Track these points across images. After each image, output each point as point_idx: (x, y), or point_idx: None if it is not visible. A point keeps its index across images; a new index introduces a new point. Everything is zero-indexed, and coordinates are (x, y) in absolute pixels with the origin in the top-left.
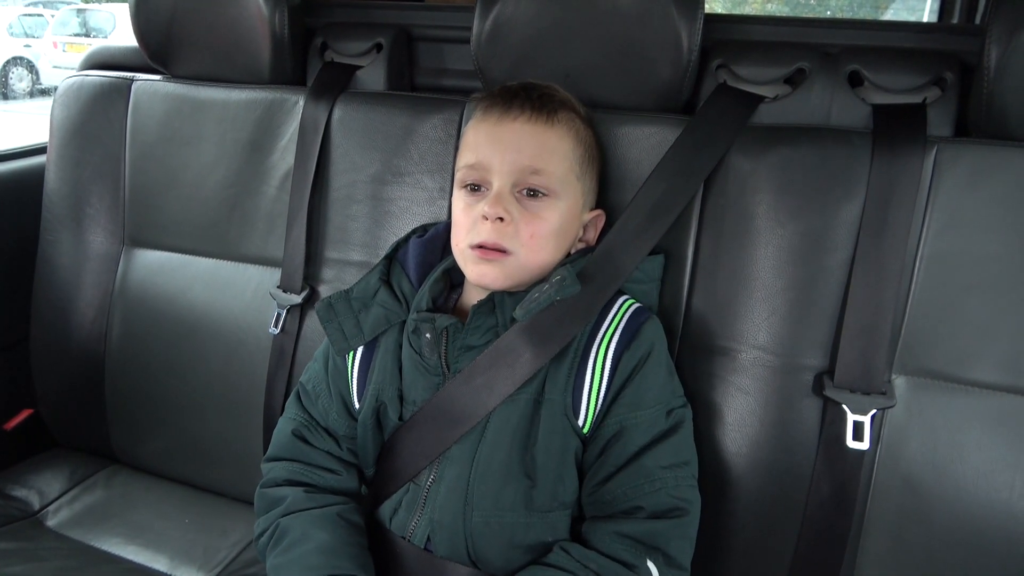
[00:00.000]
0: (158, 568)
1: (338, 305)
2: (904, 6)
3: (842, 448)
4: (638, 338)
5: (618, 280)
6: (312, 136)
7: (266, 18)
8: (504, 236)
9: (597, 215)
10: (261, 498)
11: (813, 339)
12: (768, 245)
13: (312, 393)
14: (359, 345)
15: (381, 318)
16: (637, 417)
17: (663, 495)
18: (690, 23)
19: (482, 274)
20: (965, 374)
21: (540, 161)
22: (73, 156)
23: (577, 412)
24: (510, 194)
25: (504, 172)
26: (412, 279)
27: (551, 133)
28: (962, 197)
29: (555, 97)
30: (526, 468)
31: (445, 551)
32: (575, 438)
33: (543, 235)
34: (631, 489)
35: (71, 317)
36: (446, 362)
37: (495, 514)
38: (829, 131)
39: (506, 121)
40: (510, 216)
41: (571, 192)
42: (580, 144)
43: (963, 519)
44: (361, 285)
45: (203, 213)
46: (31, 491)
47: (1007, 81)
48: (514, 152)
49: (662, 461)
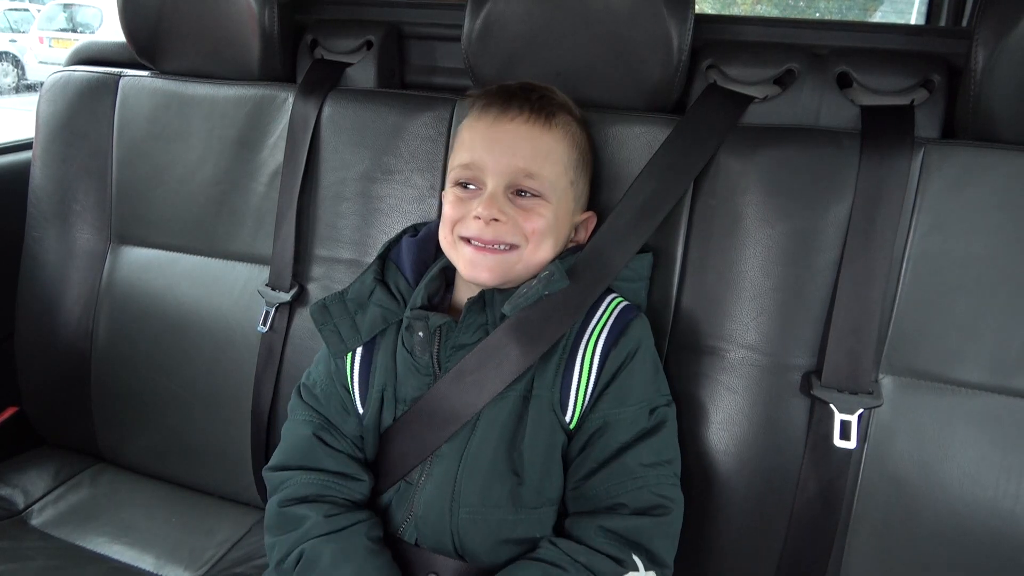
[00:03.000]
0: (144, 567)
1: (333, 307)
2: (892, 8)
3: (829, 447)
4: (626, 335)
5: (607, 278)
6: (301, 133)
7: (255, 14)
8: (505, 233)
9: (588, 217)
10: (280, 516)
11: (801, 339)
12: (757, 245)
13: (323, 395)
14: (356, 346)
15: (378, 318)
16: (621, 413)
17: (646, 492)
18: (680, 23)
19: (475, 265)
20: (951, 374)
21: (535, 164)
22: (59, 152)
23: (565, 408)
24: (503, 195)
25: (498, 173)
26: (408, 277)
27: (548, 136)
28: (949, 198)
29: (554, 100)
30: (513, 464)
31: (432, 545)
32: (561, 433)
33: (543, 231)
34: (614, 486)
35: (57, 314)
36: (437, 361)
37: (481, 510)
38: (818, 132)
39: (503, 122)
40: (505, 216)
41: (563, 196)
42: (575, 148)
43: (949, 517)
44: (355, 286)
45: (191, 210)
46: (15, 490)
47: (994, 83)
48: (509, 154)
49: (644, 459)
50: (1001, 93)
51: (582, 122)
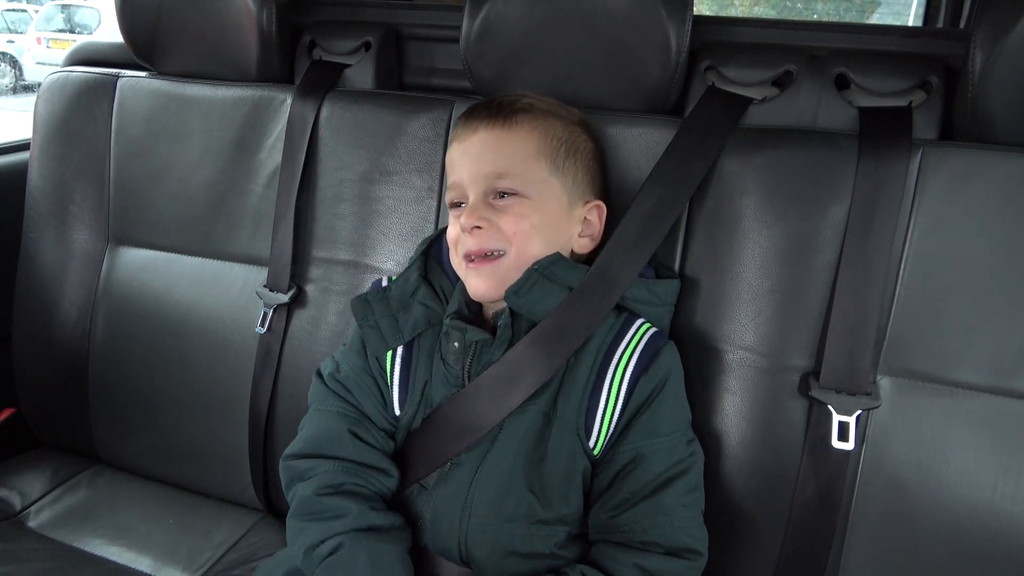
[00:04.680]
0: (142, 569)
1: (375, 303)
2: (889, 10)
3: (827, 448)
4: (656, 363)
5: (620, 289)
6: (300, 134)
7: (254, 15)
8: (488, 240)
9: (594, 206)
10: (315, 503)
11: (799, 340)
12: (755, 246)
13: (356, 387)
14: (398, 345)
15: (422, 318)
16: (653, 444)
17: (681, 534)
18: (679, 24)
19: (476, 287)
20: (949, 375)
21: (500, 164)
22: (57, 153)
23: (589, 433)
24: (483, 203)
25: (473, 183)
26: (451, 276)
27: (509, 136)
28: (947, 200)
29: (516, 104)
30: (531, 483)
31: (439, 551)
32: (584, 458)
33: (525, 230)
34: (649, 524)
35: (54, 315)
36: (468, 375)
37: (492, 523)
38: (816, 133)
39: (468, 135)
40: (487, 222)
41: (546, 188)
42: (550, 139)
43: (946, 519)
44: (399, 283)
45: (189, 211)
46: (13, 491)
47: (991, 85)
48: (477, 162)
49: (681, 498)
50: (999, 94)
51: (565, 116)
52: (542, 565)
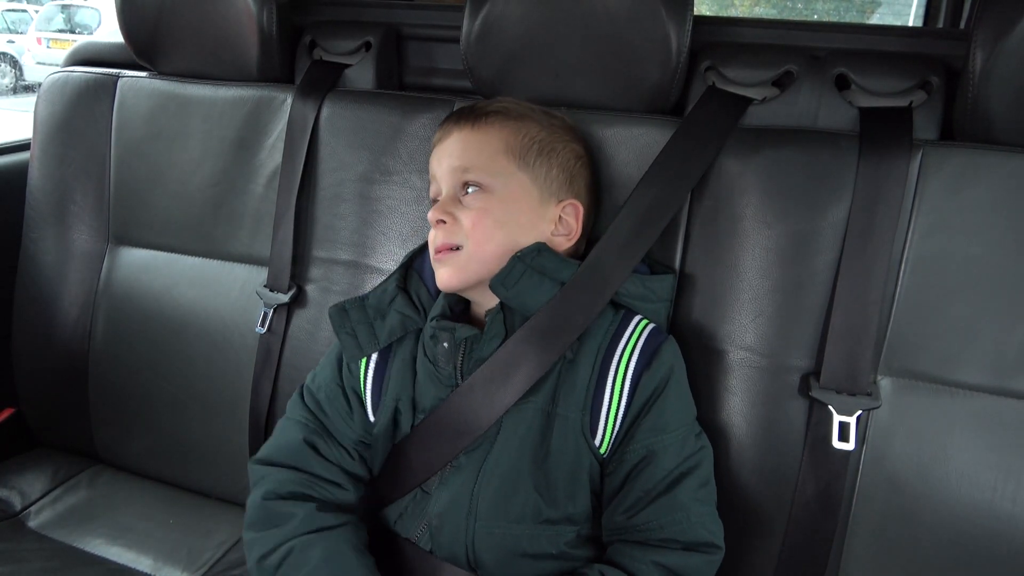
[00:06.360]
0: (142, 569)
1: (353, 312)
2: (890, 10)
3: (828, 449)
4: (658, 359)
5: (612, 285)
6: (300, 134)
7: (254, 15)
8: (451, 234)
9: (569, 204)
10: (263, 510)
11: (799, 340)
12: (755, 247)
13: (325, 400)
14: (373, 352)
15: (397, 325)
16: (664, 440)
17: (699, 529)
18: (679, 25)
19: (439, 277)
20: (949, 375)
21: (466, 158)
22: (57, 153)
23: (595, 432)
24: (452, 198)
25: (443, 179)
26: (431, 288)
27: (476, 134)
28: (947, 200)
29: (490, 107)
30: (536, 482)
31: (445, 555)
32: (590, 457)
33: (485, 224)
34: (667, 522)
35: (54, 315)
36: (460, 373)
37: (499, 525)
38: (816, 134)
39: (444, 136)
40: (450, 217)
41: (513, 182)
42: (521, 137)
43: (947, 519)
44: (377, 292)
45: (189, 211)
46: (13, 491)
47: (991, 85)
48: (447, 159)
49: (695, 493)
50: (999, 95)
51: (540, 116)
52: (553, 566)
